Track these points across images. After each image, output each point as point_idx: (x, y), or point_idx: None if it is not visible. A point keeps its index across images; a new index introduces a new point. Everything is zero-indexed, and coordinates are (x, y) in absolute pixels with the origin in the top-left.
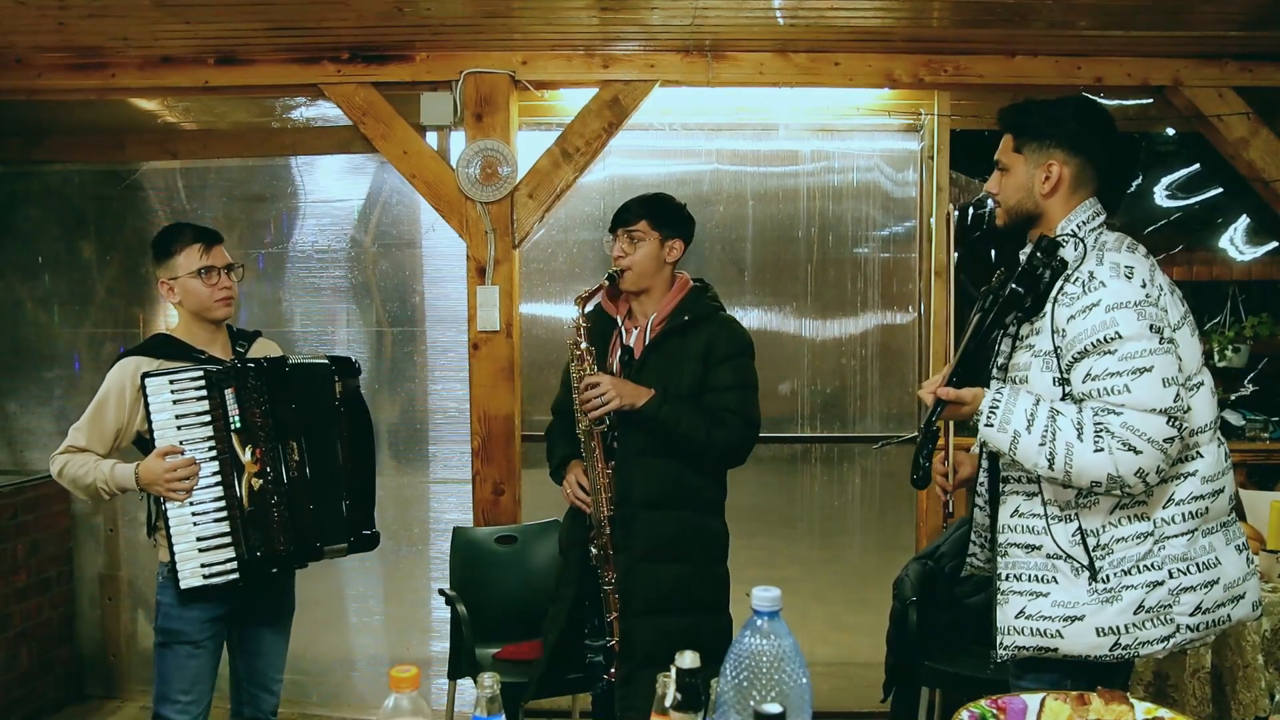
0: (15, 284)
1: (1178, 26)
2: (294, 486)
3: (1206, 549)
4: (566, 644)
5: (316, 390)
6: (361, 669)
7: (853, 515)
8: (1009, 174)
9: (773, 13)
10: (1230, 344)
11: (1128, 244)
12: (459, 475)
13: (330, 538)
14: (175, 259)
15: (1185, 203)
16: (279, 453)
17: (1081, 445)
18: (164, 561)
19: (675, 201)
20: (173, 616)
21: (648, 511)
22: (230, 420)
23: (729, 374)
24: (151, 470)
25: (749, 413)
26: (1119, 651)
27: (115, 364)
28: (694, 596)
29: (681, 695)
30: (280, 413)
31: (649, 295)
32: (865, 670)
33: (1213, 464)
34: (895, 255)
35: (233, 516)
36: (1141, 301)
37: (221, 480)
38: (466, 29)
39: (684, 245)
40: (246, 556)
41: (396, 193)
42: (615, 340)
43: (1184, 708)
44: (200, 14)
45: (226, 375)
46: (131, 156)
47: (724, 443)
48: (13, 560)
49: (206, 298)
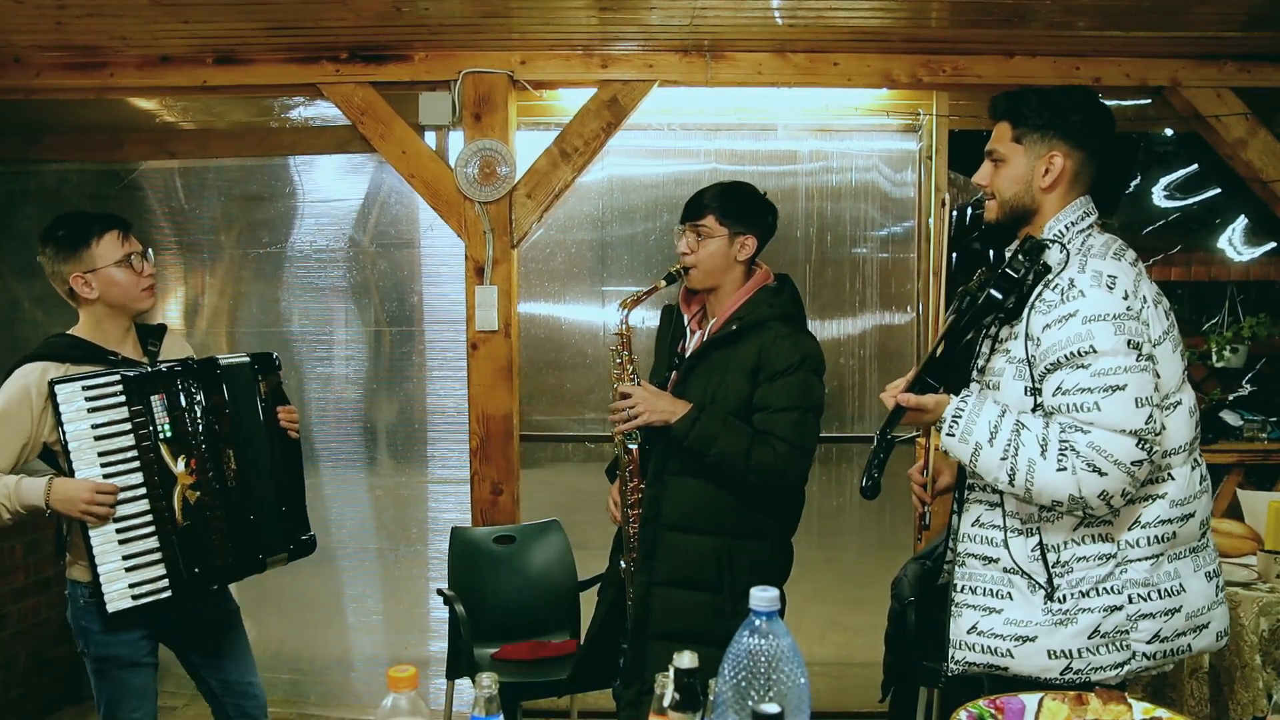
0: (13, 283)
1: (1176, 27)
2: (232, 496)
3: (1171, 575)
4: (601, 643)
5: (245, 392)
6: (359, 669)
7: (851, 515)
8: (1005, 165)
9: (771, 13)
10: (1228, 344)
11: (1115, 249)
12: (457, 475)
13: (270, 548)
14: (93, 249)
15: (1183, 203)
16: (216, 462)
17: (1044, 463)
18: (80, 582)
19: (751, 190)
20: (107, 643)
21: (674, 534)
22: (159, 429)
23: (780, 393)
24: (67, 492)
25: (799, 438)
26: (1070, 675)
27: (13, 370)
28: (725, 626)
29: (679, 695)
30: (213, 418)
31: (719, 294)
32: (863, 670)
33: (1184, 487)
34: (894, 255)
35: (164, 532)
36: (1121, 315)
37: (148, 494)
38: (465, 29)
39: (758, 241)
40: (184, 574)
41: (395, 192)
42: (682, 344)
43: (1182, 707)
44: (199, 13)
45: (152, 380)
46: (130, 156)
47: (765, 466)
48: (10, 560)
49: (132, 288)
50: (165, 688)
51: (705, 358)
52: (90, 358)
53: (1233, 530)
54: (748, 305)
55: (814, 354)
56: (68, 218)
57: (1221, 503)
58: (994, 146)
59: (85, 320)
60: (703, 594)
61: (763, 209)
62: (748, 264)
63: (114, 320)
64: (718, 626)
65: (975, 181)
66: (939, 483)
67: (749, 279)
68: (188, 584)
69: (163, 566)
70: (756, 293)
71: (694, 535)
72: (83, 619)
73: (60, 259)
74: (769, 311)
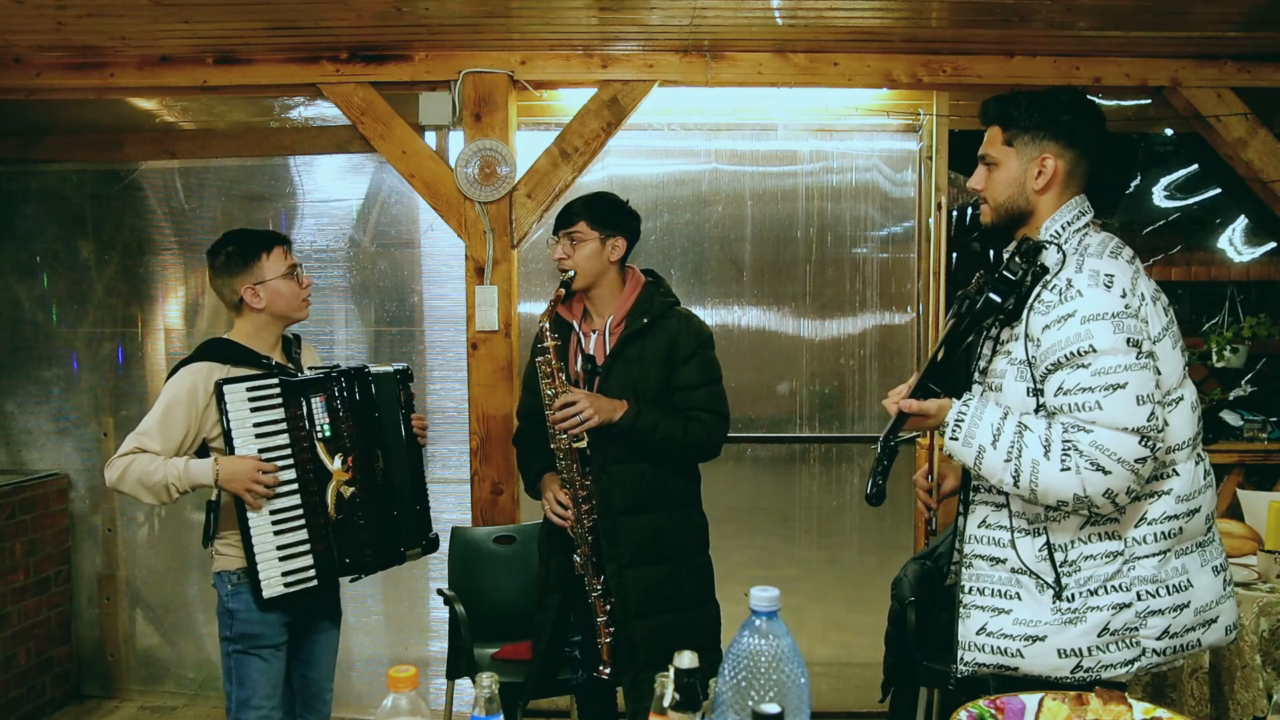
0: (13, 283)
1: (1176, 27)
2: (380, 494)
3: (1178, 571)
4: (556, 647)
5: (389, 398)
6: (360, 668)
7: (851, 515)
8: (998, 168)
9: (771, 13)
10: (1228, 344)
11: (1111, 248)
12: (457, 475)
13: (408, 542)
14: (263, 262)
15: (1184, 203)
16: (368, 460)
17: (1048, 463)
18: (228, 571)
19: (614, 198)
20: (252, 622)
21: (629, 517)
22: (318, 428)
23: (695, 372)
24: (233, 469)
25: (719, 407)
26: (1080, 674)
27: (179, 368)
28: (683, 591)
29: (680, 695)
30: (366, 421)
31: (600, 295)
32: (864, 670)
33: (1189, 482)
34: (894, 255)
35: (314, 525)
36: (1120, 313)
37: (301, 489)
38: (465, 29)
39: (627, 242)
40: (336, 564)
41: (395, 192)
42: (574, 346)
43: (1182, 708)
44: (199, 13)
45: (310, 384)
46: (130, 156)
47: (700, 440)
48: (11, 560)
49: (295, 298)
50: (165, 688)
51: (621, 355)
52: (248, 360)
53: (1233, 530)
54: (644, 301)
55: (709, 334)
56: (238, 234)
57: (1222, 503)
58: (986, 151)
59: (244, 327)
60: (664, 566)
61: (628, 214)
62: (620, 265)
63: (271, 329)
64: (681, 594)
65: (970, 186)
66: (944, 487)
67: (626, 279)
68: (337, 573)
69: (311, 557)
70: (644, 289)
71: (644, 515)
72: (230, 601)
73: (231, 272)
74: (665, 302)
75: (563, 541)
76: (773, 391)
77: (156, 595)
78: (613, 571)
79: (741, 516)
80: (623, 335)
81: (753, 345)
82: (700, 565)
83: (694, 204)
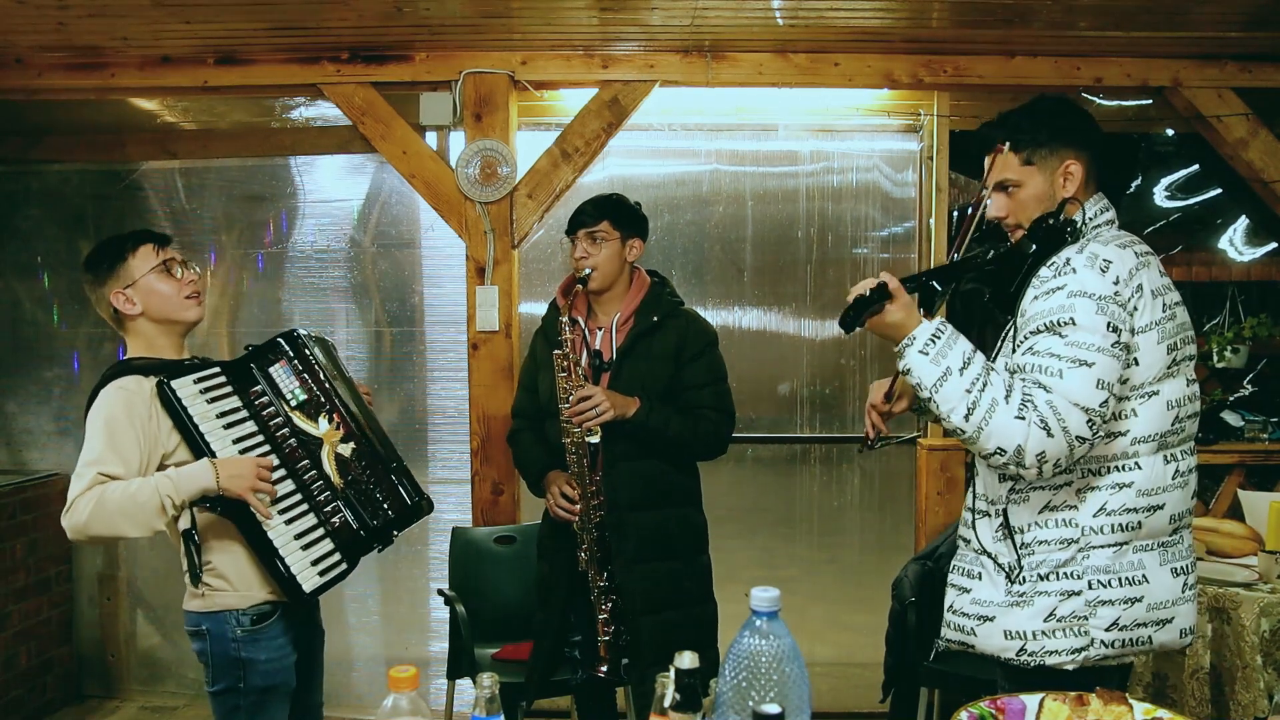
0: (14, 283)
1: (1177, 27)
2: (374, 447)
3: (1135, 565)
4: (558, 647)
5: (333, 359)
6: (360, 669)
7: (852, 515)
8: (1022, 189)
9: (772, 13)
10: (1229, 345)
11: (1123, 240)
12: (458, 475)
13: (413, 495)
14: (129, 263)
15: (1184, 203)
16: (350, 414)
17: (1006, 406)
18: (232, 610)
19: (631, 201)
20: (270, 672)
21: (635, 513)
22: (287, 397)
23: (702, 370)
24: (235, 468)
25: (725, 405)
26: (1025, 658)
27: (96, 392)
28: (685, 589)
29: (680, 695)
30: (330, 378)
31: (611, 295)
32: (864, 670)
33: (1152, 478)
34: (895, 256)
35: (321, 503)
36: (1106, 297)
37: (290, 469)
38: (466, 29)
39: (643, 243)
40: (358, 534)
41: (396, 193)
42: (579, 342)
43: (1183, 708)
44: (200, 14)
45: (259, 355)
46: (131, 156)
47: (708, 437)
48: (12, 560)
49: (174, 294)
50: (165, 688)
51: (631, 351)
52: (163, 370)
53: (1233, 531)
54: (651, 299)
55: (715, 334)
56: (105, 241)
57: (1222, 503)
58: (1005, 177)
59: (135, 345)
60: (669, 563)
61: (644, 217)
62: (633, 266)
63: (163, 339)
64: (683, 590)
65: (992, 216)
66: (895, 408)
67: (633, 279)
68: (361, 546)
69: (330, 541)
70: (650, 288)
71: (649, 511)
72: (244, 650)
73: (100, 281)
74: (671, 301)
75: (565, 540)
76: (773, 392)
77: (157, 595)
78: (620, 567)
79: (742, 517)
80: (633, 332)
81: (753, 346)
82: (701, 564)
83: (695, 204)
